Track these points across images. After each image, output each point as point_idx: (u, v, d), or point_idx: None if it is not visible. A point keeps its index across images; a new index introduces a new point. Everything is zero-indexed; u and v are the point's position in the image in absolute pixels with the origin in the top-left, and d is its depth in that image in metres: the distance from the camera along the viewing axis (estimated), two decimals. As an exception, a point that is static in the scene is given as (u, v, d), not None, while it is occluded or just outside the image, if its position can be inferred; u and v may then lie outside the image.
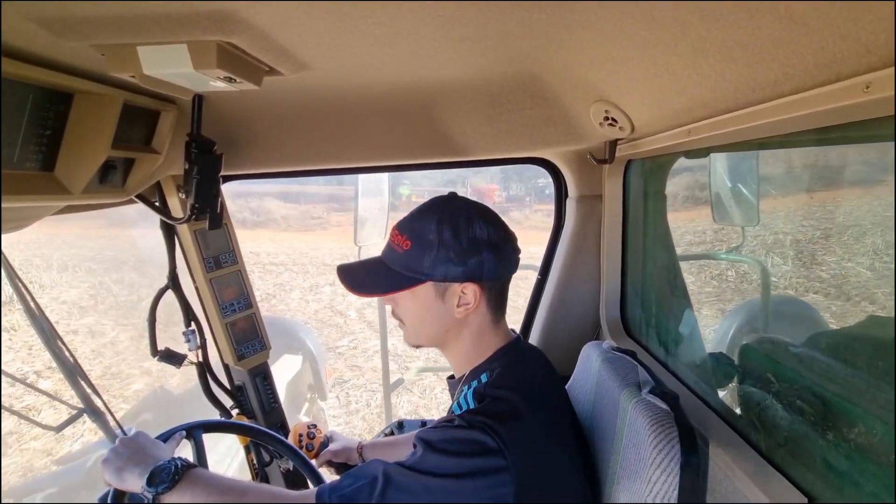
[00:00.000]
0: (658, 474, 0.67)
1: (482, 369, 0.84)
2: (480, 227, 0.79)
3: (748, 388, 0.94)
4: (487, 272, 0.79)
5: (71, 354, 1.46)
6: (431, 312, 0.82)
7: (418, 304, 0.82)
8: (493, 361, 0.84)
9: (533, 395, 0.77)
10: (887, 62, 0.43)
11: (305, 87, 0.96)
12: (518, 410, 0.73)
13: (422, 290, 0.81)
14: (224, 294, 1.40)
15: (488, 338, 0.85)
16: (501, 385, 0.78)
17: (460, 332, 0.84)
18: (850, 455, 0.66)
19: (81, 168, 0.80)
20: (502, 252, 0.80)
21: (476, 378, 0.84)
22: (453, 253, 0.77)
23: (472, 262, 0.78)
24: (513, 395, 0.75)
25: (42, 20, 0.58)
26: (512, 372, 0.81)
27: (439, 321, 0.82)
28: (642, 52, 0.67)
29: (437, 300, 0.81)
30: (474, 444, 0.68)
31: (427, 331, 0.85)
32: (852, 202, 1.07)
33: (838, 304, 1.15)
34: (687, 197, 1.85)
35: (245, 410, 1.51)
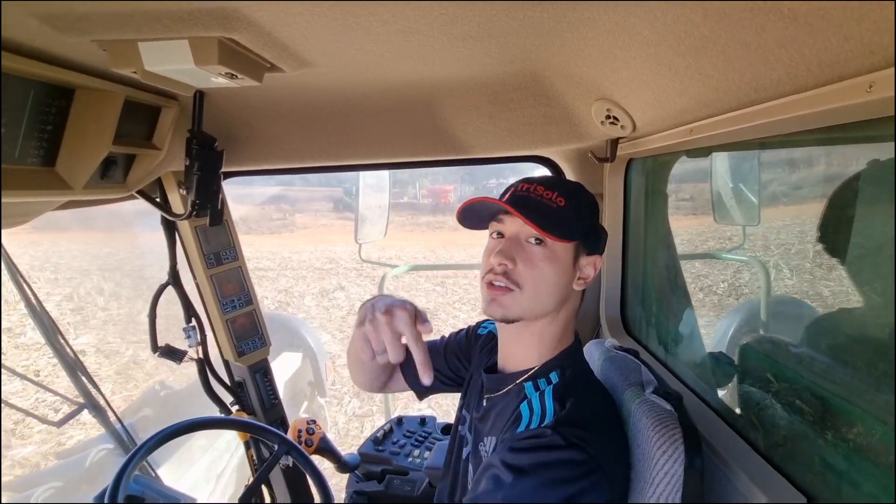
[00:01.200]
0: (661, 475, 0.67)
1: (552, 366, 0.79)
2: (590, 203, 0.82)
3: (748, 388, 0.94)
4: (603, 250, 0.82)
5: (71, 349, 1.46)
6: (562, 277, 0.77)
7: (554, 265, 0.76)
8: (566, 360, 0.80)
9: (606, 401, 0.78)
10: (890, 62, 0.43)
11: (307, 83, 0.96)
12: (603, 417, 0.74)
13: (563, 251, 0.77)
14: (224, 290, 1.40)
15: (570, 327, 0.83)
16: (580, 388, 0.76)
17: (561, 309, 0.80)
18: (849, 455, 0.66)
19: (83, 163, 0.80)
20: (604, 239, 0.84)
21: (544, 376, 0.79)
22: (595, 225, 0.81)
23: (603, 237, 0.82)
24: (595, 400, 0.76)
25: (44, 16, 0.58)
26: (585, 375, 0.81)
27: (562, 288, 0.78)
28: (645, 50, 0.67)
29: (571, 264, 0.78)
30: (574, 467, 0.65)
31: (547, 297, 0.77)
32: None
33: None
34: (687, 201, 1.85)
35: (245, 407, 1.51)
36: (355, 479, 1.33)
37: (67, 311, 5.72)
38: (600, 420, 0.73)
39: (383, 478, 1.31)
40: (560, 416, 0.70)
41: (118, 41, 0.65)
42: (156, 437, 1.03)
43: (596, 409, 0.74)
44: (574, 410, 0.70)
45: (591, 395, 0.77)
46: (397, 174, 12.86)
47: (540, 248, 0.76)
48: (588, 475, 0.65)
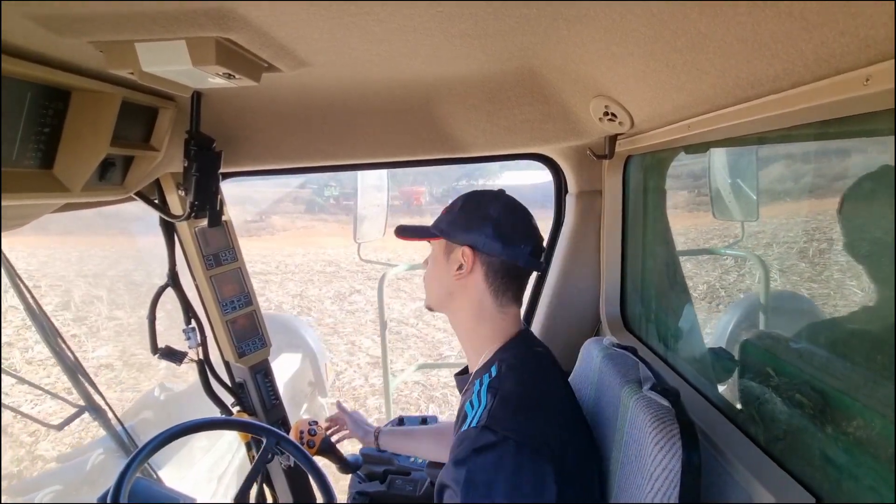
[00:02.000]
0: (659, 471, 0.67)
1: (492, 361, 0.86)
2: (496, 208, 0.88)
3: (748, 383, 0.95)
4: (483, 244, 0.86)
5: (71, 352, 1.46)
6: (437, 270, 0.92)
7: (433, 262, 0.93)
8: (504, 353, 0.86)
9: (536, 386, 0.82)
10: (887, 55, 0.43)
11: (304, 83, 0.96)
12: (529, 402, 0.77)
13: (438, 248, 0.92)
14: (224, 291, 1.40)
15: (491, 321, 0.88)
16: (510, 379, 0.81)
17: (462, 300, 0.89)
18: (850, 450, 0.66)
19: (80, 165, 0.80)
20: (507, 235, 0.86)
21: (487, 371, 0.85)
22: (464, 219, 0.88)
23: (474, 230, 0.87)
24: (523, 386, 0.79)
25: (40, 17, 0.57)
26: (519, 365, 0.84)
27: (441, 281, 0.91)
28: (642, 47, 0.67)
29: (443, 258, 0.90)
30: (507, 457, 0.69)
31: (432, 289, 0.94)
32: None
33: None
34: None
35: (246, 407, 1.51)
36: (357, 479, 1.33)
37: (69, 321, 5.40)
38: (526, 404, 0.77)
39: (385, 478, 1.32)
40: (487, 411, 0.75)
41: (115, 42, 0.65)
42: (157, 439, 1.03)
43: (523, 393, 0.78)
44: (499, 402, 0.76)
45: (518, 383, 0.80)
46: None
47: (432, 249, 0.94)
48: (524, 460, 0.69)
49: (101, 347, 4.94)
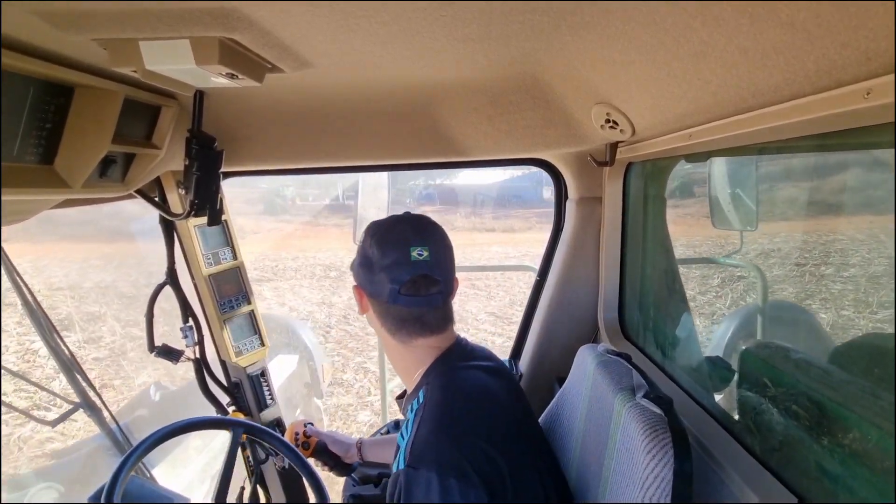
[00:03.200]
0: (651, 479, 0.67)
1: (419, 386, 0.87)
2: (371, 246, 0.86)
3: (744, 393, 0.94)
4: (364, 284, 0.88)
5: (67, 348, 1.46)
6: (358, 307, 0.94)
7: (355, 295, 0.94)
8: (427, 376, 0.86)
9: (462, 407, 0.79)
10: (888, 69, 0.43)
11: (307, 84, 0.96)
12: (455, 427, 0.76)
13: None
14: (223, 290, 1.39)
15: (403, 354, 0.89)
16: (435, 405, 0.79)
17: (379, 335, 0.92)
18: (845, 461, 0.66)
19: (81, 162, 0.80)
20: (373, 273, 0.85)
21: (416, 396, 0.86)
22: (358, 255, 0.90)
23: (361, 271, 0.88)
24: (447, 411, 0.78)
25: (44, 13, 0.58)
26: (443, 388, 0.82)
27: (365, 317, 0.93)
28: (644, 55, 0.67)
29: (356, 295, 0.92)
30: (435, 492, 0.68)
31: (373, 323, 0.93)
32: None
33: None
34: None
35: (241, 407, 1.50)
36: (352, 482, 1.32)
37: (82, 343, 4.94)
38: (446, 431, 0.75)
39: (380, 481, 1.31)
40: (410, 446, 0.74)
41: (119, 40, 0.65)
42: (151, 438, 1.03)
43: (442, 419, 0.76)
44: (420, 433, 0.75)
45: (439, 409, 0.78)
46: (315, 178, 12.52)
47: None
48: (449, 486, 0.68)
49: (142, 372, 4.44)
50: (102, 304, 5.86)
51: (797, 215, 1.25)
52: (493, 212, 12.21)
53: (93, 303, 5.92)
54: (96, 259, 7.01)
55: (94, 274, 6.74)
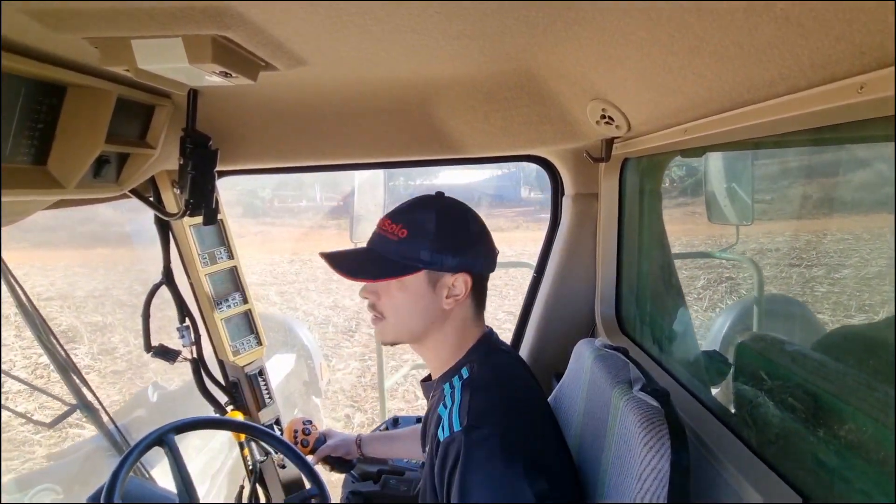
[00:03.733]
0: (648, 472, 0.67)
1: (461, 364, 0.84)
2: (473, 221, 0.83)
3: (740, 386, 0.95)
4: (478, 265, 0.82)
5: (63, 350, 1.45)
6: (421, 303, 0.81)
7: (407, 295, 0.81)
8: (472, 354, 0.85)
9: (513, 384, 0.82)
10: (882, 63, 0.43)
11: (302, 82, 0.95)
12: (509, 400, 0.77)
13: (413, 279, 0.80)
14: (219, 290, 1.39)
15: (471, 331, 0.86)
16: (486, 377, 0.80)
17: (443, 326, 0.84)
18: (841, 453, 0.67)
19: (75, 162, 0.79)
20: (490, 247, 0.85)
21: (457, 373, 0.83)
22: (451, 243, 0.79)
23: (469, 253, 0.81)
24: (500, 384, 0.79)
25: (35, 12, 0.57)
26: (492, 364, 0.83)
27: (426, 313, 0.82)
28: (639, 50, 0.67)
29: (428, 290, 0.80)
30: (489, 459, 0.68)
31: (412, 323, 0.84)
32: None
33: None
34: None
35: (240, 407, 1.50)
36: (351, 479, 1.32)
37: (95, 354, 4.71)
38: (508, 405, 0.76)
39: (379, 478, 1.31)
40: (467, 410, 0.74)
41: (110, 39, 0.65)
42: (149, 438, 1.02)
43: (502, 394, 0.77)
44: (481, 398, 0.75)
45: (497, 382, 0.80)
46: (291, 178, 12.02)
47: (393, 280, 0.81)
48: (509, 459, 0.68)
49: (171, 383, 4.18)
50: (105, 314, 5.70)
51: (795, 213, 1.26)
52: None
53: (93, 312, 5.75)
54: (79, 266, 6.80)
55: (83, 282, 6.55)
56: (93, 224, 5.94)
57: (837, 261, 1.16)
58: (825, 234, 1.15)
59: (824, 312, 1.21)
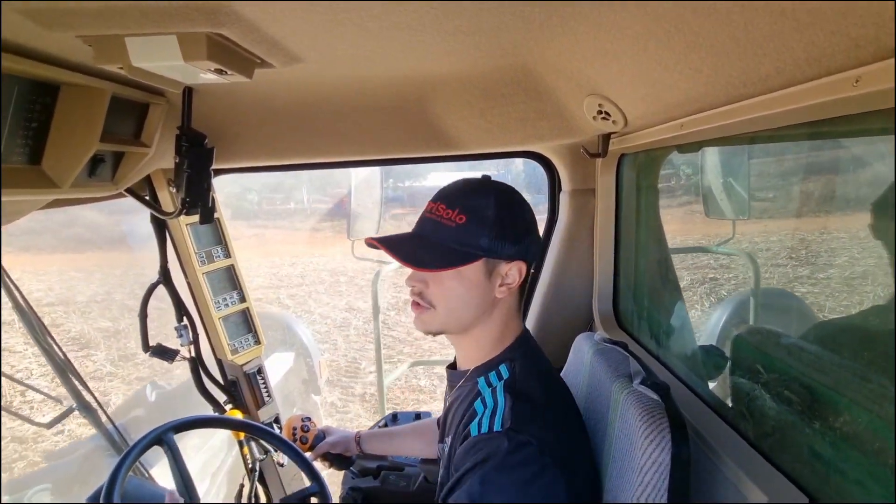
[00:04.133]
0: (649, 465, 0.68)
1: (500, 360, 0.81)
2: (528, 208, 0.81)
3: (737, 379, 0.96)
4: (532, 253, 0.81)
5: (60, 350, 1.45)
6: (476, 292, 0.78)
7: (462, 284, 0.77)
8: (513, 351, 0.82)
9: (556, 388, 0.81)
10: (877, 57, 0.43)
11: (298, 79, 0.95)
12: (552, 407, 0.76)
13: (470, 268, 0.77)
14: (217, 288, 1.39)
15: (513, 323, 0.84)
16: (530, 381, 0.78)
17: (491, 315, 0.81)
18: (838, 446, 0.67)
19: (69, 161, 0.79)
20: (538, 236, 0.84)
21: (493, 370, 0.80)
22: (510, 230, 0.77)
23: (525, 241, 0.79)
24: (544, 390, 0.77)
25: (27, 10, 0.56)
26: (534, 365, 0.82)
27: (480, 301, 0.79)
28: (636, 45, 0.67)
29: (484, 278, 0.77)
30: (527, 466, 0.67)
31: (462, 313, 0.80)
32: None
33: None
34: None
35: (239, 405, 1.50)
36: (351, 475, 1.33)
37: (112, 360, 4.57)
38: (549, 411, 0.75)
39: (379, 474, 1.32)
40: (511, 414, 0.72)
41: (104, 36, 0.64)
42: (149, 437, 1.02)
43: (545, 400, 0.76)
44: (524, 407, 0.73)
45: (540, 386, 0.77)
46: (277, 180, 11.77)
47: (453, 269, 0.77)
48: (542, 470, 0.67)
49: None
50: (114, 320, 5.57)
51: (787, 210, 1.26)
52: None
53: (100, 318, 5.63)
54: (74, 271, 6.65)
55: (82, 286, 6.41)
56: (76, 227, 5.83)
57: (826, 260, 1.16)
58: (817, 232, 1.15)
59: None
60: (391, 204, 12.04)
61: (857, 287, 1.02)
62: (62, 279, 6.63)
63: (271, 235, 11.19)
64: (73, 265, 6.82)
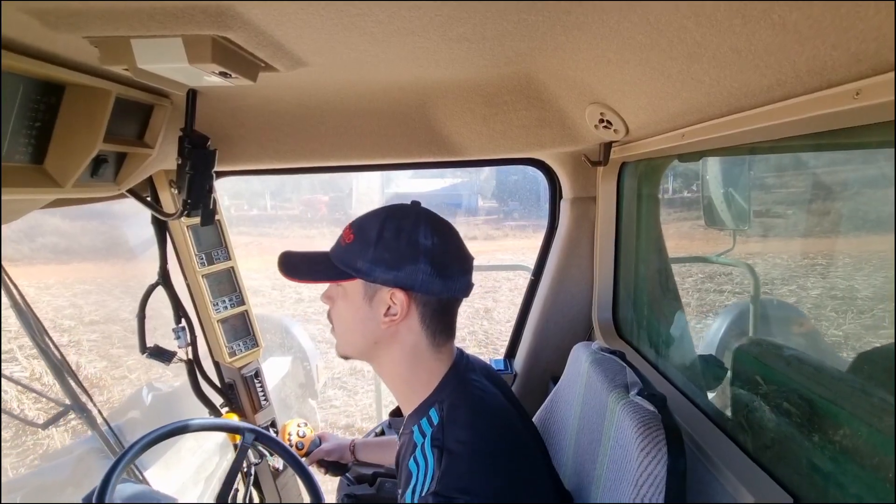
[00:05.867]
0: (645, 477, 0.67)
1: (429, 403, 0.75)
2: (426, 234, 0.72)
3: (737, 390, 0.95)
4: (421, 283, 0.71)
5: (58, 350, 1.44)
6: (358, 316, 0.75)
7: (348, 305, 0.76)
8: (440, 392, 0.75)
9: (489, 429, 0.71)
10: (877, 70, 0.44)
11: (301, 83, 0.96)
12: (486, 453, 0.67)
13: (352, 288, 0.75)
14: (216, 290, 1.39)
15: (427, 364, 0.76)
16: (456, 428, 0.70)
17: (391, 348, 0.76)
18: (837, 459, 0.67)
19: (72, 161, 0.79)
20: (445, 268, 0.72)
21: (425, 415, 0.74)
22: (388, 254, 0.71)
23: (406, 268, 0.71)
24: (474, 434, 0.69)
25: (35, 11, 0.57)
26: (462, 403, 0.74)
27: (365, 329, 0.75)
28: (638, 55, 0.68)
29: (364, 303, 0.74)
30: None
31: (353, 337, 0.77)
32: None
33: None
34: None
35: (235, 408, 1.50)
36: (346, 482, 1.32)
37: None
38: (481, 456, 0.67)
39: (374, 481, 1.31)
40: (435, 475, 0.65)
41: (110, 38, 0.65)
42: (143, 441, 1.02)
43: (475, 445, 0.68)
44: (447, 462, 0.66)
45: (464, 432, 0.69)
46: (247, 185, 11.27)
47: (336, 288, 0.77)
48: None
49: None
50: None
51: (783, 226, 1.26)
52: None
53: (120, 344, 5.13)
54: (82, 284, 6.09)
55: (84, 298, 5.87)
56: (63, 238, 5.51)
57: (813, 282, 1.15)
58: (810, 248, 1.14)
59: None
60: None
61: (837, 309, 1.02)
62: (70, 293, 6.00)
63: (268, 244, 10.87)
64: (73, 278, 6.22)
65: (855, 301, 1.00)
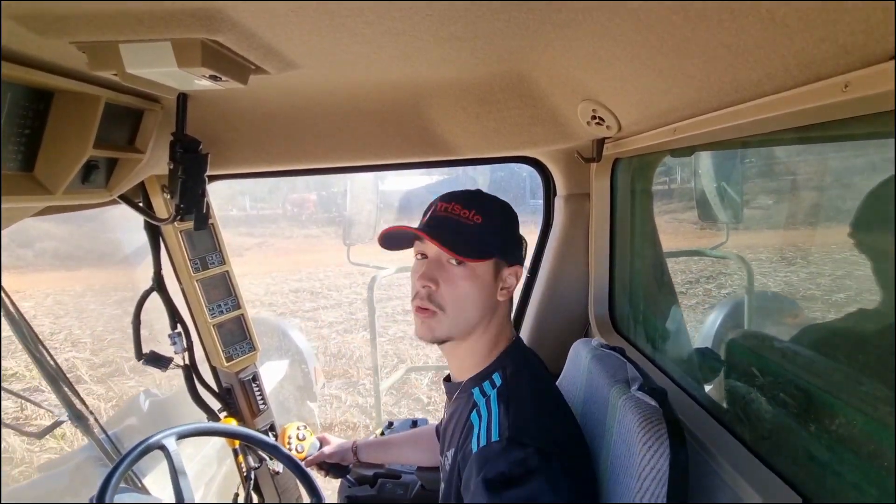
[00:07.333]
0: (647, 471, 0.68)
1: (493, 368, 0.83)
2: (503, 213, 0.85)
3: (733, 383, 0.96)
4: (522, 262, 0.86)
5: (52, 359, 1.43)
6: (484, 293, 0.79)
7: (474, 284, 0.78)
8: (505, 358, 0.83)
9: (548, 389, 0.83)
10: (865, 62, 0.44)
11: (292, 85, 0.95)
12: (546, 408, 0.78)
13: (484, 267, 0.79)
14: (211, 295, 1.38)
15: (506, 330, 0.86)
16: (522, 386, 0.79)
17: (490, 321, 0.82)
18: (834, 448, 0.68)
19: (62, 168, 0.78)
20: (519, 242, 0.88)
21: (487, 379, 0.82)
22: (515, 235, 0.84)
23: (522, 249, 0.86)
24: (536, 393, 0.79)
25: (21, 17, 0.56)
26: (525, 370, 0.83)
27: (485, 304, 0.80)
28: (629, 51, 0.68)
29: (492, 280, 0.80)
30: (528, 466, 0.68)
31: (470, 315, 0.80)
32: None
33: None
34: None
35: (233, 413, 1.49)
36: (347, 483, 1.32)
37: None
38: (545, 415, 0.77)
39: (375, 482, 1.31)
40: (507, 422, 0.73)
41: (98, 43, 0.64)
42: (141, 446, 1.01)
43: (539, 404, 0.77)
44: (518, 412, 0.74)
45: (533, 391, 0.79)
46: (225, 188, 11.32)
47: (460, 268, 0.79)
48: (544, 473, 0.68)
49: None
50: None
51: (773, 217, 1.27)
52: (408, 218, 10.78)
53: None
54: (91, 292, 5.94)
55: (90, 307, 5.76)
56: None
57: (791, 278, 1.17)
58: (796, 239, 1.15)
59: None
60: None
61: (806, 308, 1.04)
62: (77, 311, 5.79)
63: (279, 245, 10.73)
64: (79, 287, 6.16)
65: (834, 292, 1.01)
